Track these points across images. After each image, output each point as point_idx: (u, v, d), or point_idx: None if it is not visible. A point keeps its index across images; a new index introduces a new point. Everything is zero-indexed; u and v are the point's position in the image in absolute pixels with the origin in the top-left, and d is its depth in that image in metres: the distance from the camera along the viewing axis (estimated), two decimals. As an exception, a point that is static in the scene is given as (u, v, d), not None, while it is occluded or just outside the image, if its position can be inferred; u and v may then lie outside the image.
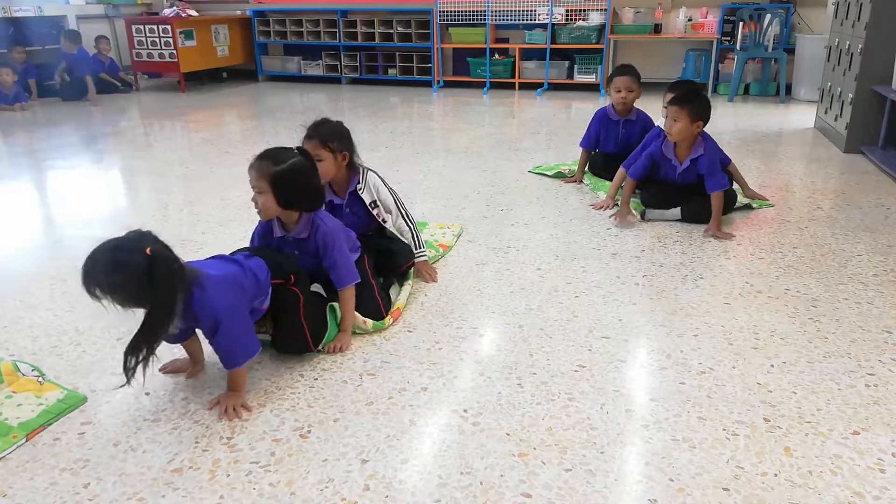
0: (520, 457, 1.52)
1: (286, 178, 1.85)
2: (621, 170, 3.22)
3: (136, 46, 7.28)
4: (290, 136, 2.17)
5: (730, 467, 1.48)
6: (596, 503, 1.38)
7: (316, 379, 1.86)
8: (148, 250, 1.50)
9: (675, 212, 3.03)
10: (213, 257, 1.84)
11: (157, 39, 7.16)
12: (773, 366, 1.89)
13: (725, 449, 1.54)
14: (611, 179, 3.36)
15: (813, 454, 1.52)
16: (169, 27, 7.07)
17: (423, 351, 2.00)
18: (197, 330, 1.83)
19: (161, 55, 7.22)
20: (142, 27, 7.20)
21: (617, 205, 3.18)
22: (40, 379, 1.83)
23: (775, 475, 1.46)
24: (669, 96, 3.01)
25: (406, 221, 2.44)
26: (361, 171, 2.34)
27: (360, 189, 2.32)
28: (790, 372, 1.86)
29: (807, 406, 1.70)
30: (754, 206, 3.23)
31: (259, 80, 8.25)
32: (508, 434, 1.60)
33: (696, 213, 2.99)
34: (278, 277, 1.84)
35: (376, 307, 2.12)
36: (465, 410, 1.70)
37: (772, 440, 1.57)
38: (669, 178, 3.03)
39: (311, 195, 1.95)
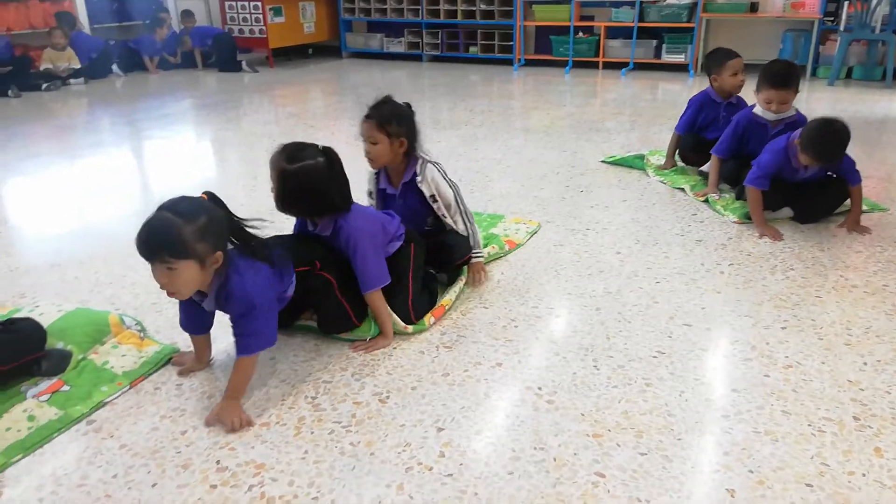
0: (594, 437, 1.53)
1: (289, 180, 1.77)
2: (714, 159, 3.06)
3: (228, 22, 7.55)
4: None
5: (814, 464, 1.44)
6: (671, 488, 1.37)
7: (395, 348, 1.91)
8: (204, 195, 1.59)
9: (786, 211, 2.80)
10: None
11: (248, 16, 7.41)
12: (865, 363, 1.80)
13: (810, 445, 1.49)
14: (699, 164, 3.25)
15: (907, 457, 1.45)
16: (259, 3, 7.29)
17: (499, 328, 2.02)
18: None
19: (251, 31, 7.46)
20: (234, 3, 7.45)
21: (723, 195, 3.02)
22: (141, 335, 1.96)
23: (863, 475, 1.40)
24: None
25: (464, 219, 2.24)
26: (420, 162, 2.16)
27: (418, 181, 2.16)
28: (885, 371, 1.77)
29: (902, 407, 1.62)
30: (864, 208, 2.88)
31: (343, 57, 8.40)
32: (583, 414, 1.61)
33: (812, 213, 2.76)
34: (302, 265, 1.79)
35: (406, 312, 1.98)
36: (540, 388, 1.71)
37: (861, 439, 1.51)
38: (786, 180, 2.74)
39: (316, 202, 1.83)
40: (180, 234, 1.46)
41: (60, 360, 1.78)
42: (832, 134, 2.51)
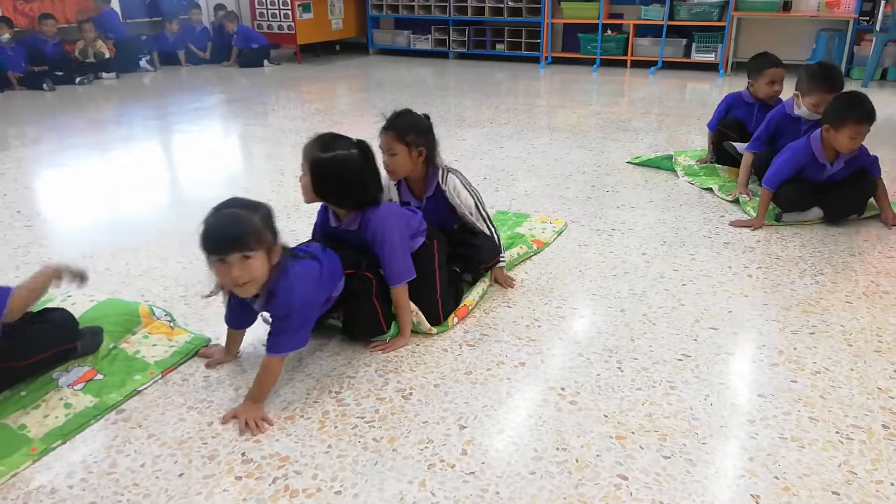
0: (617, 439, 1.52)
1: (322, 168, 1.78)
2: (746, 156, 3.05)
3: (258, 18, 7.62)
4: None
5: (842, 472, 1.42)
6: (694, 492, 1.37)
7: (418, 345, 1.92)
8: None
9: (816, 211, 2.77)
10: (298, 247, 1.80)
11: (276, 11, 7.47)
12: (897, 372, 1.77)
13: (838, 452, 1.47)
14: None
15: (938, 468, 1.43)
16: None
17: (522, 327, 2.02)
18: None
19: (280, 27, 7.53)
20: (263, -1, 7.52)
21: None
22: (171, 324, 2.00)
23: (892, 484, 1.38)
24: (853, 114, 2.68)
25: (487, 226, 2.21)
26: (441, 172, 2.15)
27: (444, 191, 2.15)
28: (917, 380, 1.73)
29: (934, 417, 1.59)
30: None
31: (370, 54, 8.43)
32: (606, 416, 1.60)
33: (842, 210, 2.74)
34: (350, 267, 1.84)
35: (434, 309, 1.98)
36: (563, 389, 1.71)
37: (890, 448, 1.48)
38: (813, 180, 2.74)
39: (347, 192, 1.83)
40: (253, 222, 1.52)
41: (94, 338, 1.83)
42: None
